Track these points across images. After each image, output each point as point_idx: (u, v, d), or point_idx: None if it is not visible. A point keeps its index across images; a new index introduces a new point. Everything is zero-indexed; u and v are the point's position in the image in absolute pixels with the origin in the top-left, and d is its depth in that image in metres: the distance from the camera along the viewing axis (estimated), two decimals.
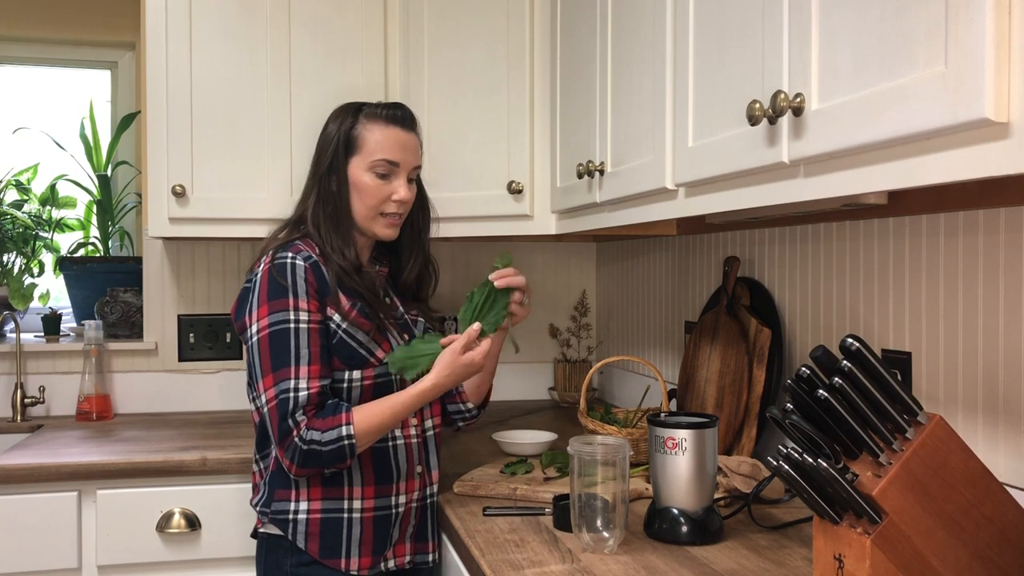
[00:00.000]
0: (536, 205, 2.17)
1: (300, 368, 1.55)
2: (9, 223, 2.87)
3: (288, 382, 1.53)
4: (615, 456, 1.39)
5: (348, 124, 1.69)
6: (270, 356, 1.55)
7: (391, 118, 1.69)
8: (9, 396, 2.55)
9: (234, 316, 1.65)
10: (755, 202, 1.20)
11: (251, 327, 1.58)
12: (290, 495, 1.62)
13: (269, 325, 1.56)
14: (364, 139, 1.68)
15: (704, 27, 1.32)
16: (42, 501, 1.95)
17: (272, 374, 1.54)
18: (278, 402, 1.53)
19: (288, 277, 1.58)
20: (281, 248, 1.63)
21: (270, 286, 1.58)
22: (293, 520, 1.61)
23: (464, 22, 2.27)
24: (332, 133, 1.70)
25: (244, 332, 1.61)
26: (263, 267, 1.61)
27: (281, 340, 1.55)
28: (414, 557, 1.70)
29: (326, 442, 1.53)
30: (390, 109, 1.71)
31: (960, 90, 0.80)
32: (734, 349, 1.83)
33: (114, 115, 3.22)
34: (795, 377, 1.08)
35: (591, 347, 2.90)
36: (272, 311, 1.56)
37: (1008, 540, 1.04)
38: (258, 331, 1.57)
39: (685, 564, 1.30)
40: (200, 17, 2.29)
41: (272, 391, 1.54)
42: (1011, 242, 1.25)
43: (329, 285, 1.61)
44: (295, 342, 1.55)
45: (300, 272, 1.59)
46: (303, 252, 1.62)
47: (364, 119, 1.69)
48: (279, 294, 1.57)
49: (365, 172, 1.67)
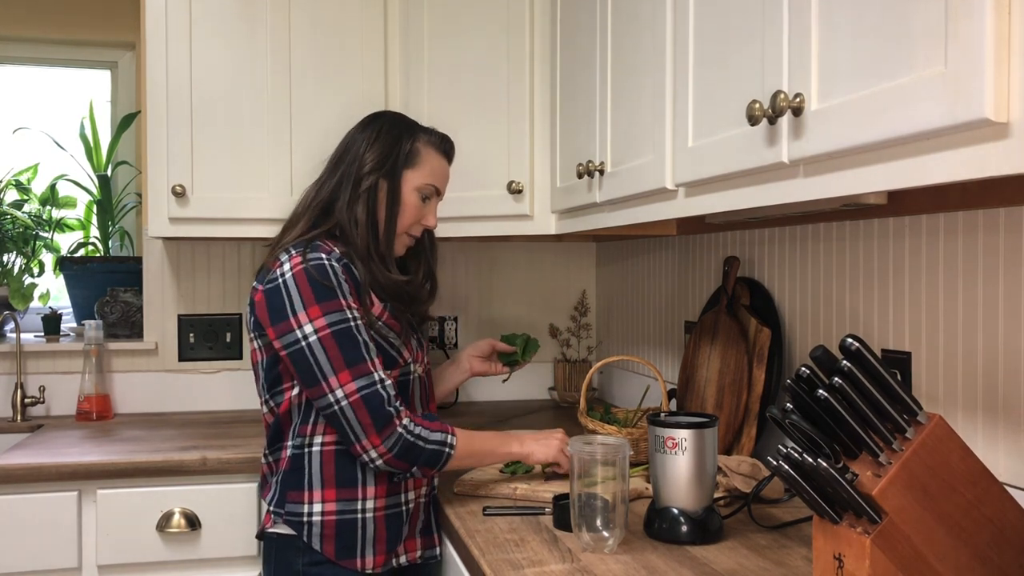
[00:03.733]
0: (536, 205, 2.17)
1: (375, 362, 1.57)
2: (9, 223, 2.87)
3: (372, 375, 1.55)
4: (615, 456, 1.39)
5: (408, 138, 1.74)
6: (340, 353, 1.54)
7: (444, 151, 1.80)
8: (9, 396, 2.55)
9: (266, 318, 1.58)
10: (755, 202, 1.20)
11: (302, 327, 1.55)
12: (303, 496, 1.61)
13: (329, 324, 1.55)
14: (424, 160, 1.74)
15: (704, 27, 1.32)
16: (42, 501, 1.95)
17: (348, 369, 1.54)
18: (367, 395, 1.53)
19: (331, 277, 1.58)
20: (309, 248, 1.62)
21: (313, 287, 1.56)
22: (308, 522, 1.60)
23: (464, 21, 2.27)
24: (390, 141, 1.72)
25: (288, 334, 1.56)
26: (293, 267, 1.58)
27: (348, 337, 1.55)
28: (423, 552, 1.71)
29: (431, 440, 1.57)
30: (444, 142, 1.80)
31: (960, 90, 0.80)
32: (734, 349, 1.83)
33: (114, 115, 3.22)
34: (795, 377, 1.08)
35: (591, 347, 2.90)
36: (327, 311, 1.55)
37: (1008, 540, 1.04)
38: (316, 330, 1.54)
39: (685, 564, 1.31)
40: (200, 17, 2.29)
41: (353, 385, 1.53)
42: (1011, 242, 1.25)
43: (361, 285, 1.63)
44: (361, 338, 1.57)
45: (339, 273, 1.59)
46: (334, 252, 1.62)
47: (426, 143, 1.76)
48: (327, 295, 1.56)
49: (413, 191, 1.72)
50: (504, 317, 2.88)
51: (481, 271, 2.87)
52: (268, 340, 1.61)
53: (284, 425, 1.66)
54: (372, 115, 1.80)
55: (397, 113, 1.84)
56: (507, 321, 2.87)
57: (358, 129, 1.77)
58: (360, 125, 1.78)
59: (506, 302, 2.89)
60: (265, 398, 1.67)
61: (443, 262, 2.77)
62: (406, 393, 1.69)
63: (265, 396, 1.67)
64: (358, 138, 1.74)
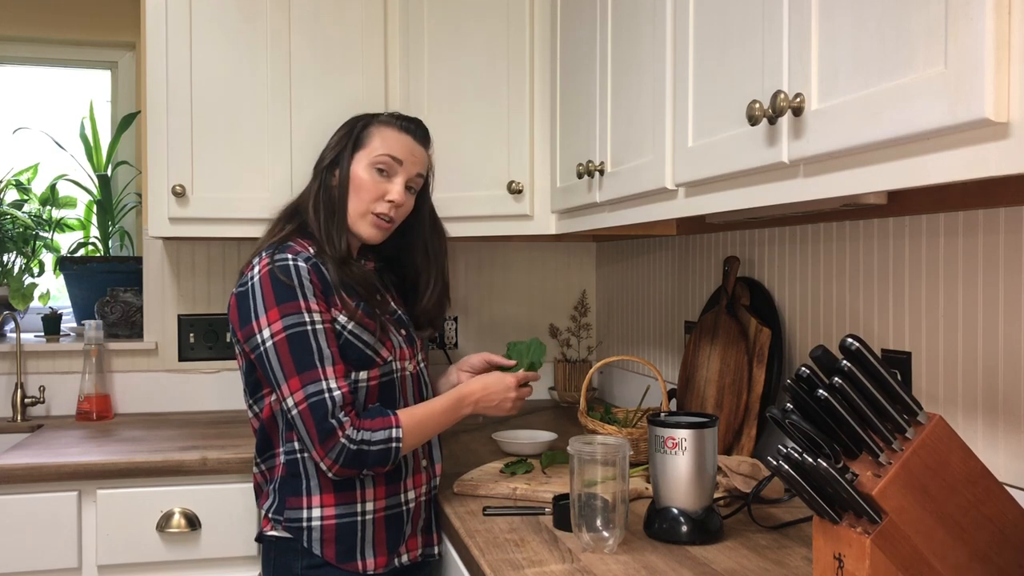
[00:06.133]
0: (536, 205, 2.18)
1: (327, 369, 1.53)
2: (9, 223, 2.87)
3: (320, 383, 1.51)
4: (615, 456, 1.39)
5: (360, 125, 1.71)
6: (292, 359, 1.51)
7: (404, 128, 1.72)
8: (9, 396, 2.55)
9: (236, 323, 1.59)
10: (755, 202, 1.20)
11: (261, 332, 1.53)
12: (302, 502, 1.60)
13: (284, 328, 1.52)
14: (372, 137, 1.70)
15: (704, 27, 1.32)
16: (42, 501, 1.95)
17: (297, 376, 1.51)
18: (312, 404, 1.50)
19: (293, 278, 1.55)
20: (278, 249, 1.61)
21: (275, 288, 1.54)
22: (308, 527, 1.59)
23: (464, 20, 2.27)
24: (343, 132, 1.71)
25: (251, 338, 1.55)
26: (261, 269, 1.58)
27: (301, 342, 1.52)
28: (424, 550, 1.71)
29: (375, 442, 1.52)
30: (406, 120, 1.74)
31: (960, 90, 0.80)
32: (734, 349, 1.83)
33: (114, 115, 3.22)
34: (795, 377, 1.08)
35: (591, 347, 2.90)
36: (284, 314, 1.53)
37: (1008, 540, 1.04)
38: (272, 335, 1.52)
39: (685, 564, 1.31)
40: (200, 17, 2.30)
41: (301, 393, 1.51)
42: (1011, 242, 1.25)
43: (332, 285, 1.60)
44: (316, 343, 1.53)
45: (304, 273, 1.56)
46: (302, 253, 1.60)
47: (378, 123, 1.72)
48: (287, 296, 1.54)
49: (365, 168, 1.67)
50: (504, 317, 2.88)
51: (481, 271, 2.87)
52: (242, 345, 1.60)
53: (271, 431, 1.64)
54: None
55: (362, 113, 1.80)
56: (507, 321, 2.87)
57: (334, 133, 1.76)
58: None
59: (506, 302, 2.89)
60: (249, 403, 1.66)
61: None
62: (392, 392, 1.65)
63: (249, 401, 1.66)
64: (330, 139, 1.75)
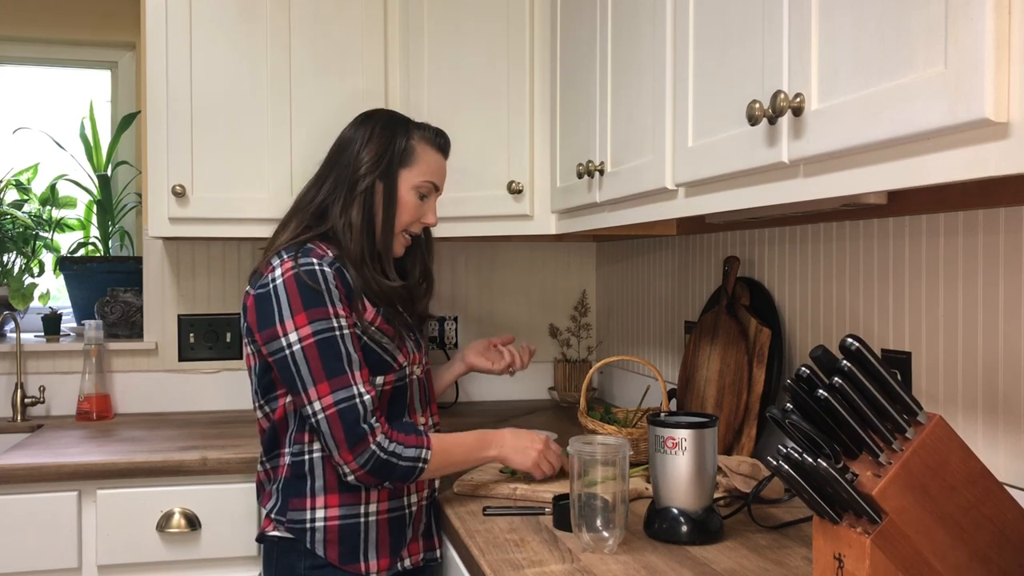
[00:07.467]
0: (536, 205, 2.17)
1: (355, 374, 1.54)
2: (9, 223, 2.87)
3: (350, 388, 1.52)
4: (615, 456, 1.39)
5: (401, 134, 1.71)
6: (321, 364, 1.52)
7: (440, 146, 1.76)
8: (9, 396, 2.55)
9: (255, 324, 1.58)
10: (755, 202, 1.20)
11: (288, 335, 1.53)
12: (305, 504, 1.60)
13: (314, 333, 1.53)
14: (419, 157, 1.71)
15: (704, 27, 1.32)
16: (42, 501, 1.95)
17: (327, 381, 1.51)
18: (343, 409, 1.51)
19: (321, 283, 1.55)
20: (301, 252, 1.60)
21: (302, 293, 1.54)
22: (311, 528, 1.59)
23: (465, 21, 2.27)
24: (384, 140, 1.69)
25: (274, 341, 1.55)
26: (285, 272, 1.56)
27: (331, 347, 1.53)
28: (425, 555, 1.71)
29: (405, 456, 1.54)
30: (439, 136, 1.76)
31: (960, 90, 0.80)
32: (734, 349, 1.83)
33: (114, 115, 3.22)
34: (795, 377, 1.08)
35: (591, 347, 2.90)
36: (313, 319, 1.53)
37: (1008, 540, 1.04)
38: (300, 339, 1.52)
39: (685, 564, 1.30)
40: (200, 17, 2.29)
41: (330, 398, 1.51)
42: (1011, 242, 1.25)
43: (354, 290, 1.60)
44: (344, 348, 1.54)
45: (330, 279, 1.56)
46: (326, 257, 1.60)
47: (420, 139, 1.72)
48: (315, 302, 1.54)
49: (411, 190, 1.70)
50: (504, 317, 2.88)
51: (481, 271, 2.87)
52: (259, 346, 1.60)
53: (280, 432, 1.64)
54: (365, 114, 1.76)
55: (390, 111, 1.82)
56: (507, 321, 2.87)
57: (351, 129, 1.73)
58: (353, 124, 1.74)
59: (506, 302, 2.89)
60: (259, 403, 1.65)
61: (443, 262, 2.79)
62: (403, 398, 1.67)
63: (259, 402, 1.65)
64: (352, 138, 1.70)
